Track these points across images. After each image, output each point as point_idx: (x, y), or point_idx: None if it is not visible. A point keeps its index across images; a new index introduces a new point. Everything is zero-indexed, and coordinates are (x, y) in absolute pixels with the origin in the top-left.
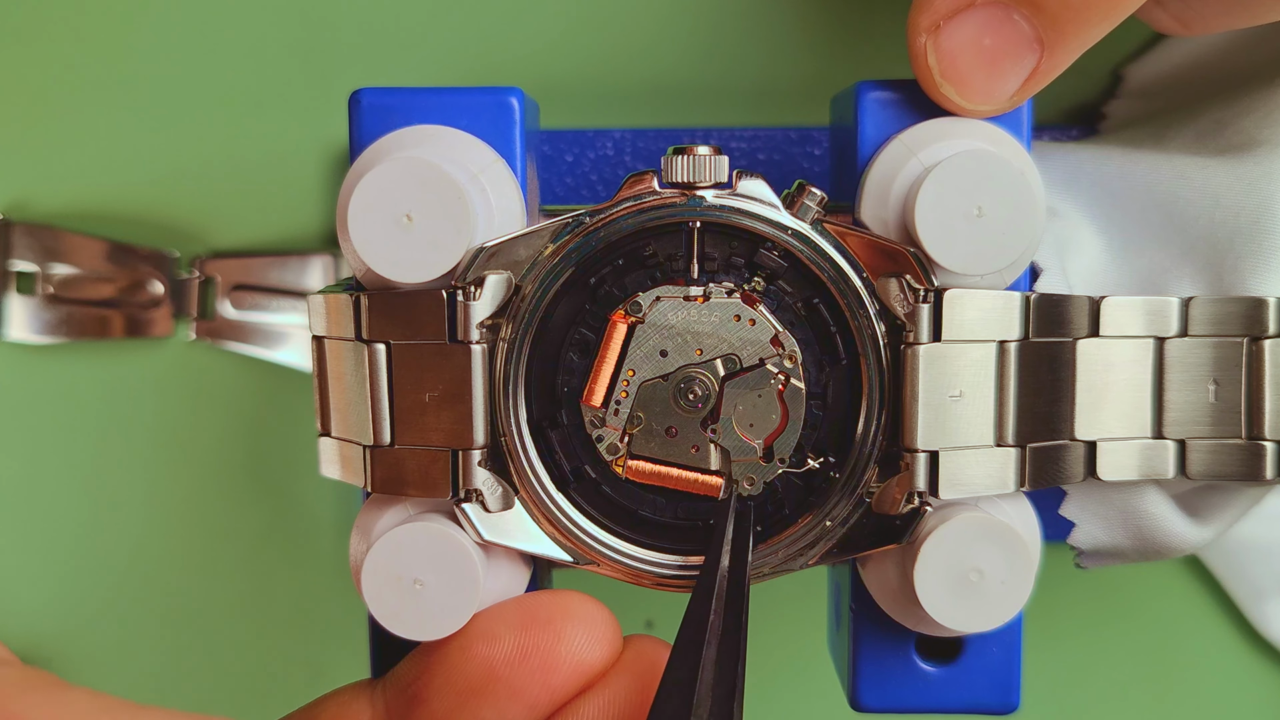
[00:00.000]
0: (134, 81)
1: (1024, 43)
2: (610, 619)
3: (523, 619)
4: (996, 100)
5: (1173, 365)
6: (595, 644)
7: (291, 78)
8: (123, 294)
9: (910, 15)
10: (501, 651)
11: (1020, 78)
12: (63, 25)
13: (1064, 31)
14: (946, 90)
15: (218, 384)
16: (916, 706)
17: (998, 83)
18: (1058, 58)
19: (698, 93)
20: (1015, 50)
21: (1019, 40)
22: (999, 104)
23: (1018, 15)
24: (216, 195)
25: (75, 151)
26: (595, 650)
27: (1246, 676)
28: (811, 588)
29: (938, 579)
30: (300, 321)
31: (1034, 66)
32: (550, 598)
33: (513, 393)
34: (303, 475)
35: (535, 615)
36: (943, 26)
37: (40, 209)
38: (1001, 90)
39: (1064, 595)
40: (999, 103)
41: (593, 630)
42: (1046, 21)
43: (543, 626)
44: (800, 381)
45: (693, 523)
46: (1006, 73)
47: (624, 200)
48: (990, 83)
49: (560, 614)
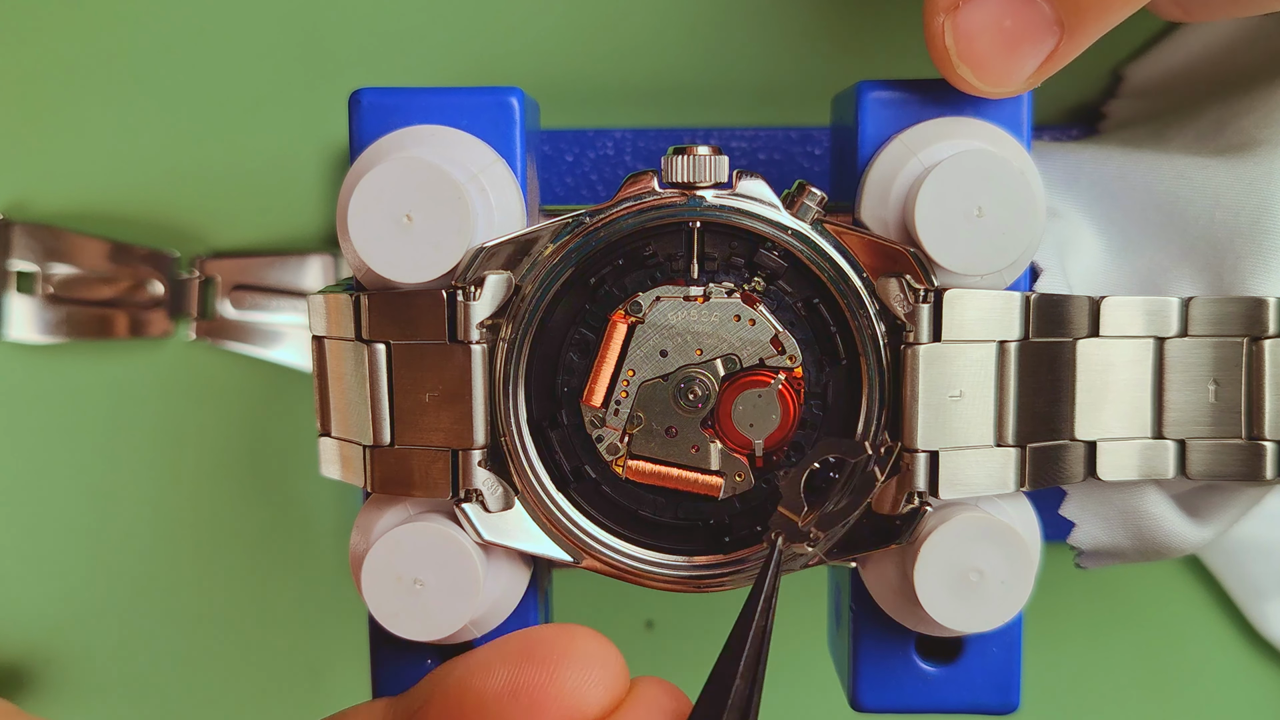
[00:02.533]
0: (134, 82)
1: (1044, 25)
2: (615, 659)
3: (520, 653)
4: (1013, 82)
5: (1173, 365)
6: (594, 686)
7: (291, 78)
8: (123, 294)
9: None
10: (493, 686)
11: (1038, 60)
12: (63, 25)
13: (1085, 16)
14: (963, 71)
15: (218, 384)
16: (916, 706)
17: (1015, 65)
18: (1077, 41)
19: (698, 93)
20: (1035, 33)
21: (1039, 23)
22: (1015, 86)
23: None
24: (216, 195)
25: (75, 151)
26: (593, 692)
27: (1246, 676)
28: (811, 588)
29: (938, 579)
30: (300, 321)
31: (1052, 49)
32: (555, 632)
33: (513, 393)
34: (303, 475)
35: (534, 651)
36: (962, 7)
37: (40, 209)
38: (1019, 73)
39: (1064, 595)
40: (1015, 85)
41: (592, 671)
42: (1068, 5)
43: (539, 663)
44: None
45: (693, 523)
46: (1025, 55)
47: (624, 200)
48: (1008, 65)
49: (560, 652)
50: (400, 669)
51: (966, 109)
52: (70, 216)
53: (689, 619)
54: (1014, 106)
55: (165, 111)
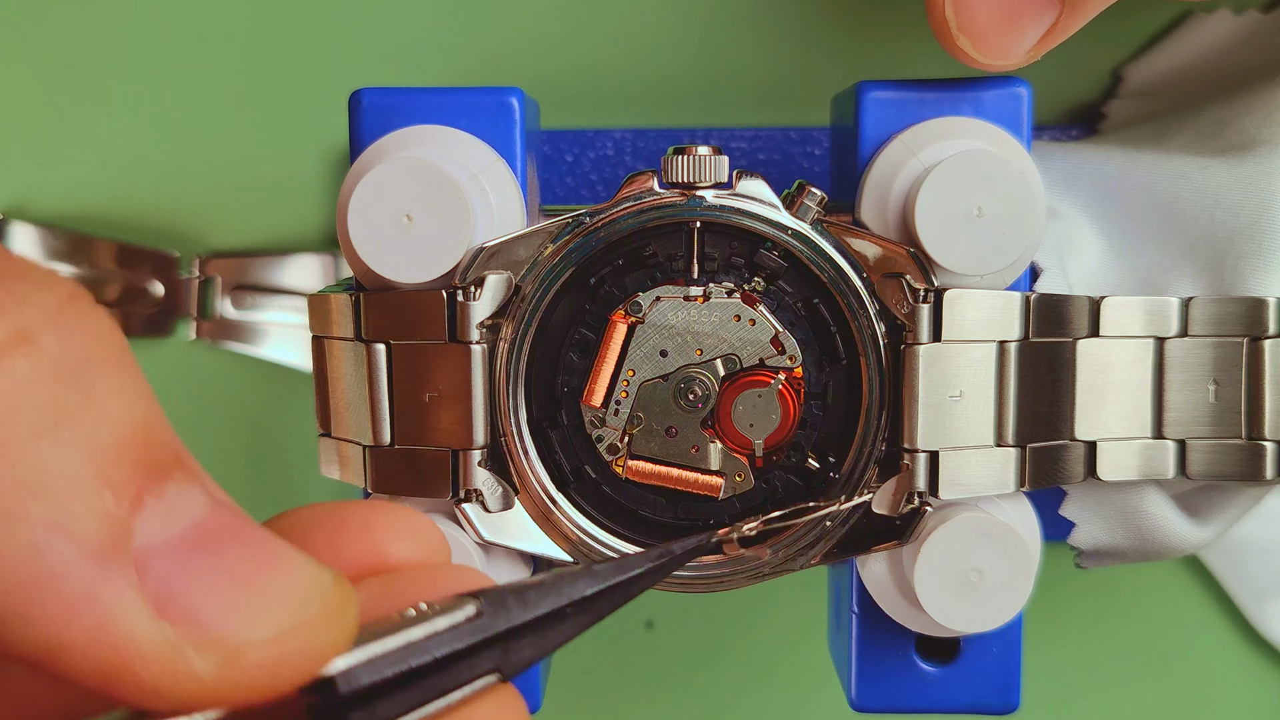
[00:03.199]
0: (134, 82)
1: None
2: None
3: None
4: (1012, 55)
5: (1173, 365)
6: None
7: (291, 78)
8: (123, 294)
9: None
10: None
11: (1038, 33)
12: (63, 26)
13: None
14: (962, 43)
15: (218, 384)
16: (916, 707)
17: (1015, 38)
18: (1077, 15)
19: (698, 93)
20: (1035, 6)
21: None
22: (1014, 59)
23: None
24: (216, 195)
25: (75, 151)
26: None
27: (1246, 676)
28: (811, 588)
29: (938, 579)
30: (300, 321)
31: (1052, 23)
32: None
33: (513, 393)
34: (303, 475)
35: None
36: None
37: (40, 209)
38: (1018, 46)
39: (1064, 595)
40: (1014, 58)
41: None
42: None
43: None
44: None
45: (693, 523)
46: (1025, 29)
47: (624, 200)
48: (1007, 38)
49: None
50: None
51: (966, 109)
52: (70, 216)
53: (689, 619)
54: (1014, 106)
55: (165, 111)
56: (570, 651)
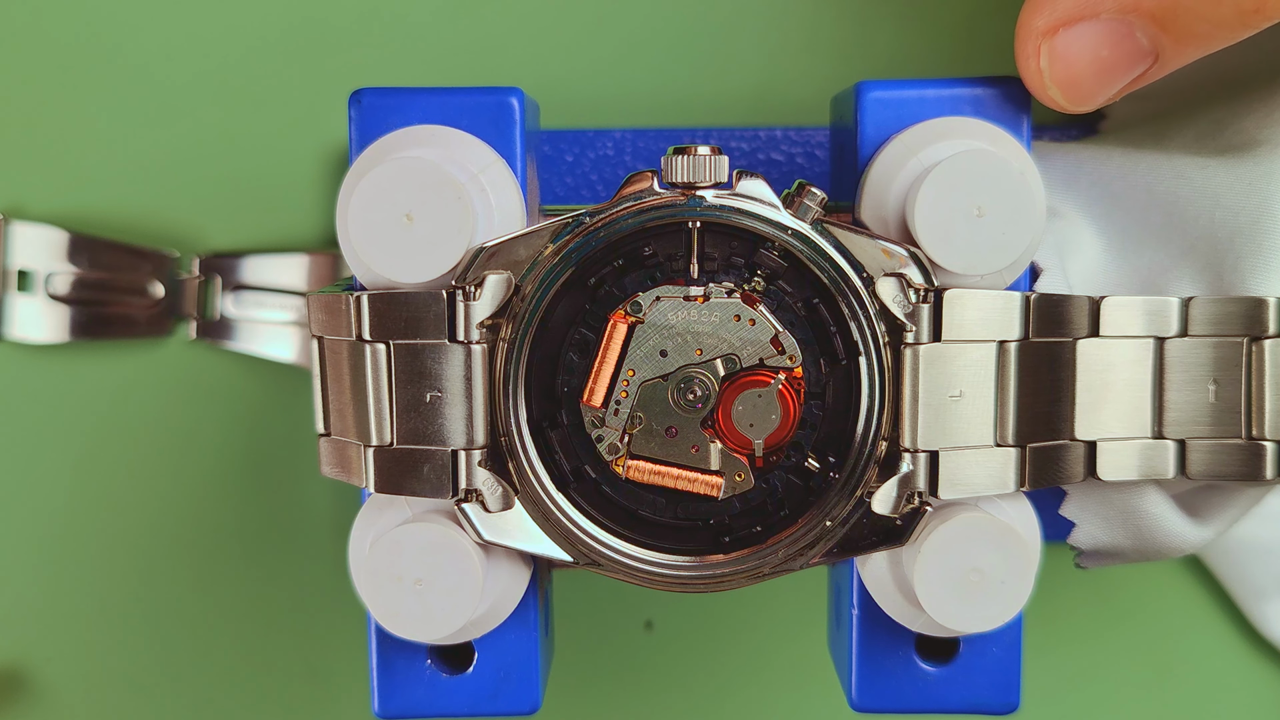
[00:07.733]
0: (134, 82)
1: (1140, 56)
2: None
3: None
4: (1096, 103)
5: (1173, 365)
6: None
7: (291, 78)
8: (123, 294)
9: (1023, 14)
10: None
11: (1126, 82)
12: (63, 26)
13: (1184, 50)
14: (1053, 93)
15: (218, 384)
16: (916, 707)
17: (1105, 90)
18: (1168, 68)
19: (698, 93)
20: (1130, 62)
21: (1136, 54)
22: (1095, 105)
23: (1140, 32)
24: (216, 195)
25: (75, 151)
26: None
27: (1246, 677)
28: (811, 588)
29: (938, 579)
30: (300, 321)
31: (1141, 74)
32: None
33: (513, 393)
34: (303, 475)
35: None
36: (1060, 33)
37: (40, 209)
38: (1105, 94)
39: (1064, 595)
40: (1096, 105)
41: None
42: (1170, 39)
43: None
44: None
45: (693, 523)
46: (1116, 81)
47: (624, 200)
48: (1098, 89)
49: None
50: (400, 669)
51: (966, 109)
52: (70, 217)
53: (689, 619)
54: (1014, 106)
55: (165, 111)
56: (570, 651)
